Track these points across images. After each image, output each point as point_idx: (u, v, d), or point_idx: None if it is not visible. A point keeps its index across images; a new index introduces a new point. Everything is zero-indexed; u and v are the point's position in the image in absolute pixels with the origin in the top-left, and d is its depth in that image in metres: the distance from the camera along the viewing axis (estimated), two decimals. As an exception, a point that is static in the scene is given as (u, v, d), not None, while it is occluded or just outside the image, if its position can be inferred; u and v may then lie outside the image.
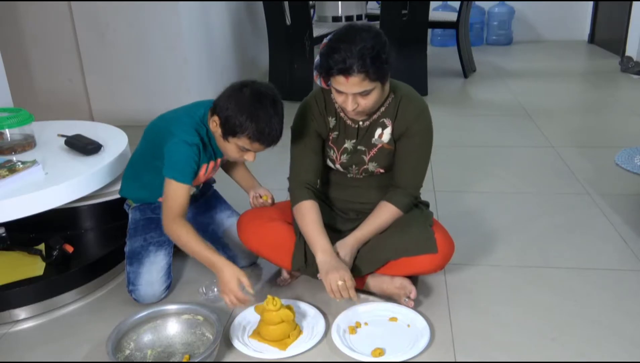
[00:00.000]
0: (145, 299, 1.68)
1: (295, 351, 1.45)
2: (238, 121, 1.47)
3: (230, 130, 1.50)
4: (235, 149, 1.55)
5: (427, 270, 1.63)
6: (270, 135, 1.49)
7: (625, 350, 1.43)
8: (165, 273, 1.71)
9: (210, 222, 1.85)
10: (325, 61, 1.43)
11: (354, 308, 1.59)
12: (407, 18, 3.90)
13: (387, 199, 1.63)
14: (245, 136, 1.49)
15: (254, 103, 1.47)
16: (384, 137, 1.61)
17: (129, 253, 1.72)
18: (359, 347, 1.45)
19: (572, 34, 6.12)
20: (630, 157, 2.71)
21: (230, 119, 1.48)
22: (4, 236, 1.84)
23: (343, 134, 1.64)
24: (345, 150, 1.64)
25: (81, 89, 3.64)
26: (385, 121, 1.60)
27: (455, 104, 3.97)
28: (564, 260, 1.87)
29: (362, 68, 1.38)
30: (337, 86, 1.45)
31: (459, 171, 2.65)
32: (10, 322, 1.64)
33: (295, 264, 1.65)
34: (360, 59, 1.38)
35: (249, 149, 1.53)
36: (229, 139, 1.53)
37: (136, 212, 1.79)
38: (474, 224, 2.13)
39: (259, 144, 1.51)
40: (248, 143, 1.50)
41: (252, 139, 1.49)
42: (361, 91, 1.44)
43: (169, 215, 1.55)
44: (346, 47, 1.39)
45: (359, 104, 1.47)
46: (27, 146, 1.88)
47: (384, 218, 1.62)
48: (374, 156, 1.63)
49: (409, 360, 1.40)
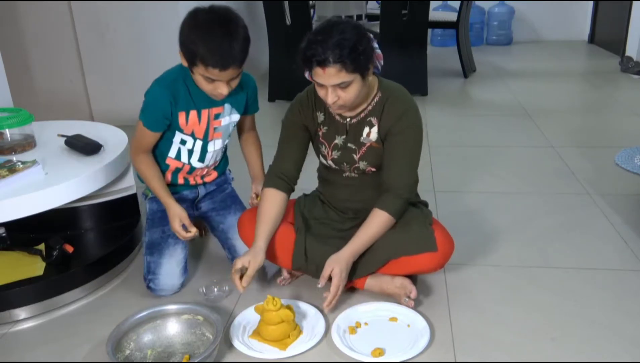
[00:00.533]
0: (164, 289, 1.70)
1: (296, 351, 1.45)
2: (192, 47, 1.46)
3: (190, 60, 1.49)
4: (204, 82, 1.53)
5: (427, 268, 1.63)
6: (222, 57, 1.44)
7: (625, 350, 1.43)
8: (183, 266, 1.74)
9: (222, 221, 1.85)
10: (304, 53, 1.44)
11: (354, 308, 1.59)
12: (407, 18, 3.90)
13: (379, 206, 1.59)
14: (199, 61, 1.46)
15: (203, 27, 1.45)
16: (371, 136, 1.61)
17: (148, 243, 1.73)
18: (359, 347, 1.45)
19: (572, 34, 6.12)
20: (630, 157, 2.71)
21: (185, 47, 1.48)
22: (4, 236, 1.84)
23: (333, 129, 1.64)
24: (335, 146, 1.65)
25: (81, 89, 3.64)
26: (372, 119, 1.60)
27: (455, 104, 3.97)
28: (564, 260, 1.87)
29: (339, 59, 1.39)
30: (316, 78, 1.46)
31: (459, 171, 2.65)
32: (10, 322, 1.64)
33: (296, 263, 1.65)
34: (337, 49, 1.39)
35: (211, 77, 1.50)
36: (194, 71, 1.52)
37: (153, 203, 1.80)
38: (474, 225, 2.14)
39: (213, 68, 1.46)
40: (204, 69, 1.47)
41: (206, 64, 1.46)
42: (339, 83, 1.44)
43: (133, 149, 1.72)
44: (323, 39, 1.40)
45: (339, 97, 1.47)
46: (27, 146, 1.88)
47: (377, 228, 1.59)
48: (364, 155, 1.63)
49: (409, 360, 1.40)
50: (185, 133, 1.68)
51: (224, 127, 1.73)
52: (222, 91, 1.53)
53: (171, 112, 1.62)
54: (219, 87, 1.52)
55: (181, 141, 1.71)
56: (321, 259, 1.63)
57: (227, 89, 1.54)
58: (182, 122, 1.66)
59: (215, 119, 1.70)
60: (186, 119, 1.65)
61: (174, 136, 1.70)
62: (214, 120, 1.70)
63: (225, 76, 1.49)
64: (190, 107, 1.64)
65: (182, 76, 1.62)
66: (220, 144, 1.77)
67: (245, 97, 1.76)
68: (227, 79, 1.51)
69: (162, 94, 1.60)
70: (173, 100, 1.61)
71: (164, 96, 1.60)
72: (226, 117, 1.73)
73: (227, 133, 1.77)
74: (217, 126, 1.71)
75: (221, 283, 1.72)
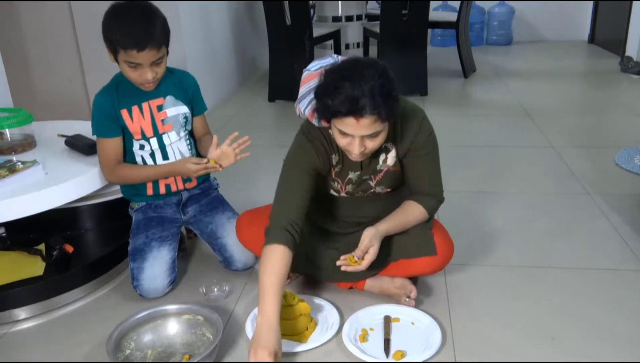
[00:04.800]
0: (150, 293, 1.69)
1: (317, 342, 1.47)
2: (110, 35, 1.54)
3: (112, 49, 1.57)
4: (129, 70, 1.59)
5: (426, 272, 1.63)
6: (138, 36, 1.51)
7: (626, 350, 1.43)
8: (168, 267, 1.73)
9: (211, 222, 1.85)
10: (331, 101, 1.29)
11: (355, 315, 1.56)
12: (407, 18, 3.90)
13: (414, 199, 1.57)
14: (119, 47, 1.54)
15: (112, 14, 1.55)
16: (388, 161, 1.54)
17: (132, 251, 1.73)
18: (377, 353, 1.43)
19: (572, 34, 6.12)
20: (630, 157, 2.71)
21: (106, 37, 1.56)
22: (4, 236, 1.84)
23: (347, 167, 1.55)
24: (349, 181, 1.58)
25: (81, 89, 3.64)
26: (388, 145, 1.52)
27: (456, 104, 3.97)
28: (564, 260, 1.87)
29: (375, 109, 1.27)
30: (343, 128, 1.32)
31: (458, 171, 2.65)
32: (10, 322, 1.64)
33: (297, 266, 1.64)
34: (372, 99, 1.26)
35: (133, 62, 1.56)
36: (119, 60, 1.58)
37: (138, 214, 1.82)
38: (474, 225, 2.13)
39: (131, 49, 1.53)
40: (124, 53, 1.54)
41: (124, 46, 1.53)
42: (371, 133, 1.33)
43: (106, 170, 1.71)
44: (355, 86, 1.27)
45: (366, 146, 1.36)
46: (27, 146, 1.88)
47: (412, 217, 1.56)
48: (381, 180, 1.58)
49: (428, 360, 1.40)
50: (136, 138, 1.72)
51: (171, 118, 1.75)
52: (146, 76, 1.59)
53: (115, 114, 1.68)
54: (144, 73, 1.58)
55: (140, 147, 1.75)
56: (321, 261, 1.63)
57: (152, 74, 1.59)
58: (128, 121, 1.70)
59: (159, 111, 1.73)
60: (130, 115, 1.70)
61: (132, 146, 1.74)
62: (158, 112, 1.73)
63: (145, 57, 1.55)
64: (130, 103, 1.70)
65: (119, 79, 1.69)
66: (176, 136, 1.77)
67: (185, 93, 1.78)
68: (148, 62, 1.57)
69: (102, 99, 1.68)
70: (116, 101, 1.67)
71: (105, 100, 1.68)
72: (171, 108, 1.74)
73: (178, 125, 1.77)
74: (163, 118, 1.74)
75: (221, 283, 1.72)
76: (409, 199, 1.60)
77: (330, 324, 1.54)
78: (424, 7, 3.88)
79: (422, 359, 1.39)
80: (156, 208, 1.81)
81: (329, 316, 1.57)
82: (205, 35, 3.75)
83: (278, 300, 1.36)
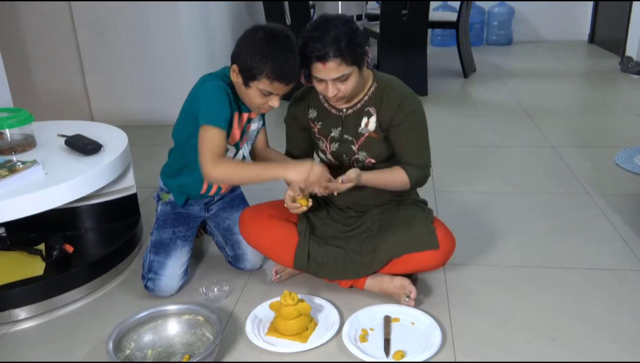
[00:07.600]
0: (163, 290, 1.70)
1: (317, 343, 1.47)
2: (255, 62, 1.48)
3: (250, 74, 1.51)
4: (258, 95, 1.54)
5: (429, 266, 1.63)
6: (288, 71, 1.50)
7: (625, 350, 1.43)
8: (185, 269, 1.74)
9: (229, 217, 1.85)
10: (303, 50, 1.49)
11: (355, 315, 1.56)
12: (407, 18, 3.90)
13: (402, 166, 1.64)
14: (264, 76, 1.49)
15: (268, 43, 1.49)
16: (370, 125, 1.64)
17: (155, 242, 1.73)
18: (377, 353, 1.43)
19: (572, 34, 6.12)
20: (630, 157, 2.71)
21: (248, 63, 1.50)
22: (4, 236, 1.84)
23: (328, 123, 1.68)
24: (332, 138, 1.68)
25: (81, 89, 3.64)
26: (370, 109, 1.63)
27: (455, 104, 3.97)
28: (564, 260, 1.87)
29: (338, 52, 1.45)
30: (316, 74, 1.51)
31: (459, 171, 2.65)
32: (10, 322, 1.64)
33: (298, 262, 1.65)
34: (335, 44, 1.45)
35: (270, 91, 1.53)
36: (250, 85, 1.53)
37: (167, 206, 1.80)
38: (474, 224, 2.14)
39: (279, 83, 1.50)
40: (268, 83, 1.50)
41: (271, 78, 1.49)
42: (339, 76, 1.49)
43: (209, 161, 1.51)
44: (321, 35, 1.46)
45: (339, 89, 1.53)
46: (27, 146, 1.88)
47: (393, 179, 1.63)
48: (363, 145, 1.65)
49: (428, 360, 1.40)
50: (230, 143, 1.65)
51: (251, 132, 1.74)
52: (273, 103, 1.57)
53: (232, 112, 1.60)
54: (272, 100, 1.56)
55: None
56: (323, 259, 1.63)
57: (278, 102, 1.57)
58: (235, 125, 1.64)
59: (248, 123, 1.71)
60: (238, 120, 1.65)
61: None
62: (247, 124, 1.71)
63: (286, 90, 1.55)
64: (235, 109, 1.63)
65: (228, 82, 1.60)
66: (247, 149, 1.76)
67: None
68: (283, 93, 1.56)
69: (225, 93, 1.56)
70: (233, 102, 1.60)
71: (227, 96, 1.57)
72: (256, 123, 1.73)
73: (251, 139, 1.77)
74: (247, 130, 1.72)
75: (221, 283, 1.72)
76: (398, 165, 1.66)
77: (330, 324, 1.54)
78: (424, 7, 3.89)
79: (422, 359, 1.40)
80: (184, 205, 1.80)
81: (329, 317, 1.58)
82: (205, 35, 3.75)
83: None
